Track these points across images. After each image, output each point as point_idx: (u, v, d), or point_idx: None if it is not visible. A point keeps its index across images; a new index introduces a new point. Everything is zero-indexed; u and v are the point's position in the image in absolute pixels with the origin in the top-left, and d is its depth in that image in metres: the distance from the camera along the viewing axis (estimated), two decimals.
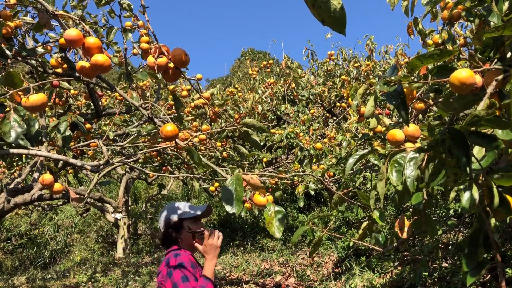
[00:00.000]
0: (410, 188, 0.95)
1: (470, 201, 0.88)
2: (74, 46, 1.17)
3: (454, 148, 0.82)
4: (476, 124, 0.81)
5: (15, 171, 5.51)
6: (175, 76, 1.21)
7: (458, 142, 0.82)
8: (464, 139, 0.81)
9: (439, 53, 0.92)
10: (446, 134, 0.83)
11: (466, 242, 0.91)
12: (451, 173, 0.87)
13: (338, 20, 0.73)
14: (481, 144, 0.82)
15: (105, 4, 2.51)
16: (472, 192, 0.88)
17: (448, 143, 0.83)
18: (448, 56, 0.93)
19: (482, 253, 0.87)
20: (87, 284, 5.18)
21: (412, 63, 0.98)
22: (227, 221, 8.53)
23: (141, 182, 9.69)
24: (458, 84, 0.90)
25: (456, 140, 0.82)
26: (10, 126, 1.27)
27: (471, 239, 0.89)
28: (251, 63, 7.56)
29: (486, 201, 0.88)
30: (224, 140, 4.15)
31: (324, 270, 5.52)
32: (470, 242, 0.89)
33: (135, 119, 5.27)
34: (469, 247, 0.89)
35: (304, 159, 4.30)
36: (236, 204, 1.13)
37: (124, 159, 1.97)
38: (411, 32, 2.63)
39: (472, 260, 0.88)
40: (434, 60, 0.95)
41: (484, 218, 0.87)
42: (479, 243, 0.88)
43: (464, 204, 0.90)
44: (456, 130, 0.82)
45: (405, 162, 0.98)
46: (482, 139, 0.82)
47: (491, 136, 0.83)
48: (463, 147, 0.81)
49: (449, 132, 0.83)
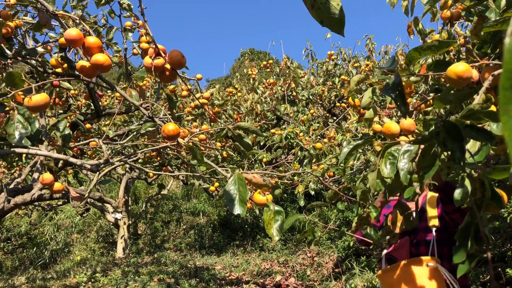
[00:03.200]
0: (403, 181, 0.94)
1: (462, 194, 0.88)
2: (74, 46, 1.17)
3: (449, 141, 0.82)
4: (471, 117, 0.81)
5: (15, 171, 5.51)
6: (171, 77, 1.23)
7: (453, 135, 0.81)
8: (459, 132, 0.81)
9: (437, 45, 0.92)
10: (441, 126, 0.83)
11: (457, 235, 0.91)
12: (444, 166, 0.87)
13: (337, 21, 0.73)
14: (475, 138, 0.82)
15: (105, 4, 2.51)
16: (465, 184, 0.88)
17: (443, 136, 0.83)
18: (446, 48, 0.92)
19: (473, 246, 0.87)
20: (87, 284, 5.18)
21: (410, 55, 0.97)
22: (227, 221, 8.54)
23: (141, 182, 9.69)
24: (455, 77, 0.91)
25: (450, 133, 0.82)
26: (15, 127, 1.27)
27: (462, 232, 0.90)
28: (250, 63, 7.56)
29: (478, 195, 0.88)
30: (224, 140, 4.15)
31: (324, 270, 5.52)
32: (461, 235, 0.90)
33: (135, 119, 5.27)
34: (460, 239, 0.90)
35: (304, 159, 4.30)
36: (240, 205, 1.11)
37: (124, 159, 1.97)
38: (411, 32, 2.63)
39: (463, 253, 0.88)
40: (432, 51, 0.94)
41: (475, 211, 0.87)
42: (470, 236, 0.88)
43: (456, 196, 0.90)
44: (451, 123, 0.82)
45: (399, 155, 0.98)
46: (477, 133, 0.81)
47: (486, 130, 0.82)
48: (457, 140, 0.81)
49: (444, 125, 0.82)
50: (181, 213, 9.37)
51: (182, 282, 5.08)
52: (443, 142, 0.83)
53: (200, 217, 9.21)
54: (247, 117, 5.33)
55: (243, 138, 1.54)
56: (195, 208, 9.32)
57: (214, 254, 7.30)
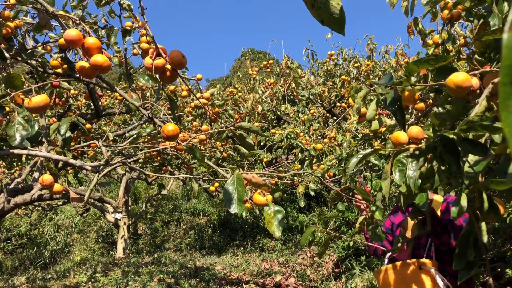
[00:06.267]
0: (412, 189, 0.95)
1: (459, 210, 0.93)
2: (74, 47, 1.17)
3: (445, 155, 0.84)
4: (470, 130, 0.82)
5: (15, 171, 5.51)
6: (172, 78, 1.23)
7: (449, 149, 0.83)
8: (455, 147, 0.82)
9: (435, 59, 0.96)
10: (438, 141, 0.85)
11: (457, 243, 0.96)
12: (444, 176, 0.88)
13: (338, 20, 0.73)
14: (472, 152, 0.83)
15: (105, 4, 2.51)
16: (461, 201, 0.92)
17: (440, 150, 0.85)
18: (443, 62, 0.96)
19: (472, 254, 0.92)
20: (87, 284, 5.17)
21: (409, 68, 1.02)
22: (227, 221, 8.53)
23: (141, 182, 9.69)
24: (454, 87, 0.94)
25: (447, 147, 0.83)
26: (15, 129, 1.27)
27: (461, 241, 0.95)
28: (251, 63, 7.56)
29: (477, 205, 0.90)
30: (224, 140, 4.15)
31: (324, 270, 5.52)
32: (461, 243, 0.94)
33: (135, 119, 5.26)
34: (460, 248, 0.94)
35: (304, 159, 4.30)
36: (238, 204, 1.13)
37: (124, 159, 1.97)
38: (411, 32, 2.63)
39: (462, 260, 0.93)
40: (429, 65, 0.98)
41: (474, 221, 0.91)
42: (469, 245, 0.93)
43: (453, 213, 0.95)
44: (447, 137, 0.83)
45: (408, 162, 0.99)
46: (473, 147, 0.82)
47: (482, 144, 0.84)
48: (453, 155, 0.82)
49: (440, 139, 0.84)
50: (181, 213, 9.37)
51: (182, 282, 5.07)
52: (440, 156, 0.85)
53: (200, 217, 9.21)
54: (249, 117, 5.33)
55: (245, 138, 1.54)
56: (195, 208, 9.32)
57: (214, 254, 7.30)
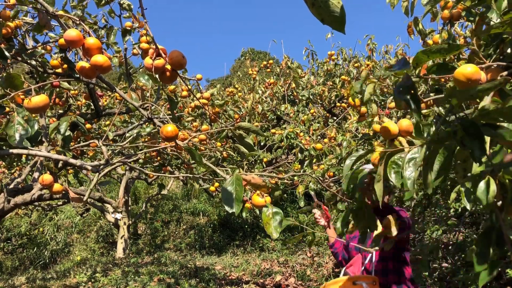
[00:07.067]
0: (411, 189, 0.93)
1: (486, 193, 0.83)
2: (74, 47, 1.17)
3: (467, 140, 0.78)
4: (486, 118, 0.77)
5: (15, 171, 5.50)
6: (171, 78, 1.23)
7: (472, 133, 0.77)
8: (478, 130, 0.77)
9: (447, 48, 0.87)
10: (458, 125, 0.79)
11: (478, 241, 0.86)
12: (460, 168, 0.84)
13: (338, 19, 0.73)
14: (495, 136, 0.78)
15: (105, 4, 2.51)
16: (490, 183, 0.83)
17: (461, 135, 0.79)
18: (455, 51, 0.88)
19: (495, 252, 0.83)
20: (87, 284, 5.18)
21: (418, 57, 0.92)
22: (227, 221, 8.54)
23: (141, 182, 9.68)
24: (464, 79, 0.86)
25: (469, 131, 0.78)
26: (15, 129, 1.27)
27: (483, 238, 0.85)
28: (251, 63, 7.56)
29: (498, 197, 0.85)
30: (224, 140, 4.15)
31: (324, 270, 5.52)
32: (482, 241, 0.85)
33: (135, 119, 5.26)
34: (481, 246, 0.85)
35: (304, 159, 4.30)
36: (236, 204, 1.13)
37: (124, 159, 1.97)
38: (411, 32, 2.63)
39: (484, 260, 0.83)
40: (441, 54, 0.90)
41: (498, 214, 0.83)
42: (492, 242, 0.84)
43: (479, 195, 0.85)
44: (470, 121, 0.78)
45: (404, 163, 0.96)
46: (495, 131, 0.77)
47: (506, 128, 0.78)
48: (477, 138, 0.77)
49: (461, 123, 0.79)
50: (181, 213, 9.37)
51: (182, 282, 5.07)
52: (461, 141, 0.79)
53: (200, 217, 9.21)
54: (249, 117, 5.32)
55: (244, 138, 1.54)
56: (195, 208, 9.32)
57: (214, 254, 7.30)
